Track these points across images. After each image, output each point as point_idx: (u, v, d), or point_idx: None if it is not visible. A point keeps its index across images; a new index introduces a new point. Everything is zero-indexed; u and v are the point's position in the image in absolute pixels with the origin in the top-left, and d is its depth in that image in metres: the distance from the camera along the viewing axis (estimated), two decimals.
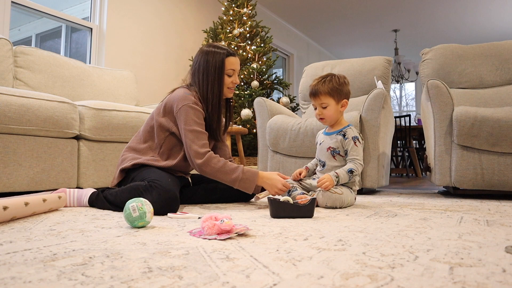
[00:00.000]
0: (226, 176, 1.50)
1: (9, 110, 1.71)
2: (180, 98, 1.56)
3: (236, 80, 1.66)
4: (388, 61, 2.89)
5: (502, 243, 0.87)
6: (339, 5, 5.78)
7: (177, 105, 1.55)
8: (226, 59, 1.61)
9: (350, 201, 1.62)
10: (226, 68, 1.61)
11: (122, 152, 1.67)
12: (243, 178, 1.50)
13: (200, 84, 1.61)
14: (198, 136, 1.52)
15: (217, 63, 1.60)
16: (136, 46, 3.78)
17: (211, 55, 1.61)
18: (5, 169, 1.71)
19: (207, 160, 1.50)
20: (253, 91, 3.92)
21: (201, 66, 1.61)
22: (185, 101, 1.54)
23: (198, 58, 1.64)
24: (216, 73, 1.60)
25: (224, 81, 1.62)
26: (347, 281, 0.58)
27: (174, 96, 1.59)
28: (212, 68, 1.60)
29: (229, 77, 1.63)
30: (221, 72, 1.60)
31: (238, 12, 4.19)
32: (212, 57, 1.60)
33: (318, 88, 1.66)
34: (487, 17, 6.12)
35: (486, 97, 2.52)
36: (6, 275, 0.60)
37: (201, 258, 0.72)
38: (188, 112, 1.53)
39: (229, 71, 1.62)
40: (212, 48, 1.63)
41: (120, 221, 1.18)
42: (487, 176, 1.96)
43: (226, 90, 1.65)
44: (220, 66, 1.60)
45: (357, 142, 1.66)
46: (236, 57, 1.65)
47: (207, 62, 1.60)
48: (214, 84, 1.60)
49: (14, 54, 2.31)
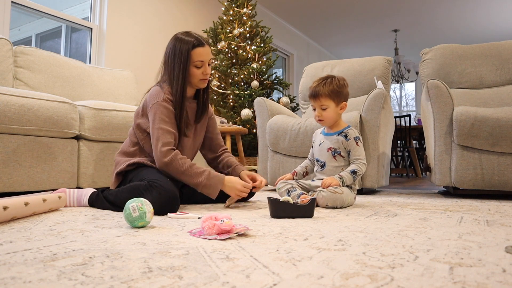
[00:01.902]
0: (190, 179, 1.46)
1: (9, 110, 1.71)
2: (151, 96, 1.56)
3: (207, 70, 1.57)
4: (388, 61, 2.89)
5: (502, 243, 0.87)
6: (339, 5, 5.77)
7: (149, 104, 1.56)
8: (192, 51, 1.54)
9: (350, 201, 1.63)
10: (193, 60, 1.55)
11: (115, 156, 1.67)
12: (206, 184, 1.46)
13: (169, 71, 1.58)
14: (164, 134, 1.49)
15: (183, 54, 1.54)
16: (136, 46, 3.77)
17: (179, 42, 1.55)
18: (5, 169, 1.71)
19: (172, 160, 1.45)
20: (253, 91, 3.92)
21: (169, 53, 1.57)
22: (156, 99, 1.53)
23: (169, 44, 1.60)
24: (181, 64, 1.54)
25: (192, 73, 1.56)
26: (347, 281, 0.58)
27: (148, 95, 1.59)
28: (178, 58, 1.54)
29: (198, 69, 1.56)
30: (186, 64, 1.54)
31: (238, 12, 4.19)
32: (179, 44, 1.55)
33: (318, 89, 1.66)
34: (487, 17, 6.12)
35: (486, 97, 2.52)
36: (6, 275, 0.60)
37: (201, 258, 0.72)
38: (156, 110, 1.52)
39: (197, 62, 1.55)
40: (182, 36, 1.57)
41: (120, 221, 1.18)
42: (487, 176, 1.96)
43: (198, 82, 1.59)
44: (185, 58, 1.54)
45: (358, 142, 1.69)
46: (205, 47, 1.56)
47: (174, 48, 1.55)
48: (179, 74, 1.54)
49: (14, 54, 2.31)
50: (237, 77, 4.05)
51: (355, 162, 1.67)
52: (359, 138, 1.70)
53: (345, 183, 1.62)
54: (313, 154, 1.85)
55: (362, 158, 1.67)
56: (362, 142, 1.72)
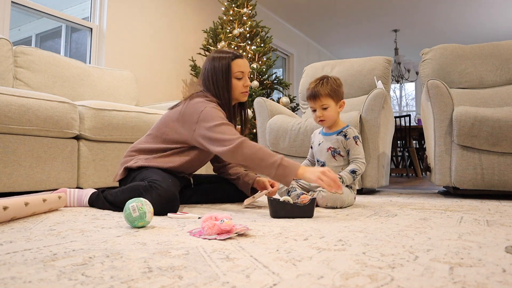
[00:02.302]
0: (263, 159, 1.36)
1: (9, 110, 1.71)
2: (197, 102, 1.51)
3: (247, 82, 1.61)
4: (388, 61, 2.89)
5: (502, 243, 0.87)
6: (339, 5, 5.77)
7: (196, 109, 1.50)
8: (233, 62, 1.57)
9: (350, 200, 1.63)
10: (233, 71, 1.57)
11: (129, 150, 1.63)
12: (281, 164, 1.35)
13: (211, 90, 1.59)
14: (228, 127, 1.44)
15: (224, 67, 1.56)
16: (136, 46, 3.77)
17: (217, 60, 1.58)
18: (5, 169, 1.71)
19: (243, 142, 1.38)
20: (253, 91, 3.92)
21: (209, 72, 1.59)
22: (206, 104, 1.50)
23: (206, 65, 1.61)
24: (223, 77, 1.56)
25: (233, 85, 1.59)
26: (347, 281, 0.58)
27: (193, 103, 1.53)
28: (219, 73, 1.57)
29: (239, 80, 1.59)
30: (228, 76, 1.57)
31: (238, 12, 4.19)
32: (218, 62, 1.58)
33: (317, 90, 1.66)
34: (487, 17, 6.12)
35: (486, 97, 2.52)
36: (6, 275, 0.60)
37: (201, 258, 0.72)
38: (212, 111, 1.48)
39: (237, 73, 1.58)
40: (218, 54, 1.61)
41: (120, 221, 1.18)
42: (487, 176, 1.96)
43: (239, 95, 1.61)
44: (226, 70, 1.56)
45: (357, 141, 1.70)
46: (243, 59, 1.61)
47: (214, 67, 1.58)
48: (223, 89, 1.57)
49: (14, 54, 2.31)
50: None
51: (354, 162, 1.67)
52: (358, 137, 1.71)
53: (345, 183, 1.62)
54: (312, 155, 1.85)
55: (361, 157, 1.68)
56: (361, 141, 1.72)
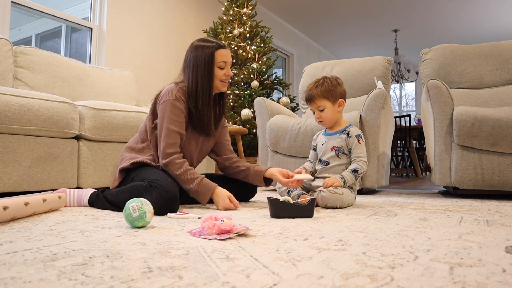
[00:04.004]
0: (182, 183, 1.50)
1: (9, 110, 1.71)
2: (165, 92, 1.58)
3: (229, 72, 1.62)
4: (388, 61, 2.89)
5: (502, 243, 0.87)
6: (339, 5, 5.77)
7: (160, 99, 1.57)
8: (216, 51, 1.58)
9: (350, 201, 1.63)
10: (217, 61, 1.59)
11: (121, 152, 1.67)
12: (197, 191, 1.48)
13: (190, 79, 1.59)
14: (169, 135, 1.52)
15: (207, 57, 1.57)
16: (136, 46, 3.77)
17: (201, 49, 1.59)
18: (5, 169, 1.71)
19: (170, 162, 1.50)
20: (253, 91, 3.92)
21: (191, 61, 1.60)
22: (169, 96, 1.55)
23: (188, 53, 1.62)
24: (206, 66, 1.57)
25: (215, 74, 1.60)
26: (347, 281, 0.58)
27: (163, 92, 1.61)
28: (202, 62, 1.57)
29: (221, 70, 1.60)
30: (211, 65, 1.58)
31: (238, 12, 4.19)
32: (201, 51, 1.58)
33: (312, 93, 1.70)
34: (487, 17, 6.12)
35: (486, 97, 2.52)
36: (6, 275, 0.60)
37: (201, 258, 0.72)
38: (167, 108, 1.54)
39: (220, 63, 1.59)
40: (202, 42, 1.61)
41: (120, 221, 1.18)
42: (487, 176, 1.96)
43: (219, 83, 1.62)
44: (209, 60, 1.58)
45: (360, 140, 1.70)
46: (226, 50, 1.62)
47: (196, 56, 1.59)
48: (204, 77, 1.58)
49: (14, 54, 2.31)
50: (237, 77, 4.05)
51: (356, 161, 1.67)
52: (361, 136, 1.71)
53: (347, 183, 1.63)
54: (313, 157, 1.84)
55: (363, 156, 1.68)
56: (364, 140, 1.73)
